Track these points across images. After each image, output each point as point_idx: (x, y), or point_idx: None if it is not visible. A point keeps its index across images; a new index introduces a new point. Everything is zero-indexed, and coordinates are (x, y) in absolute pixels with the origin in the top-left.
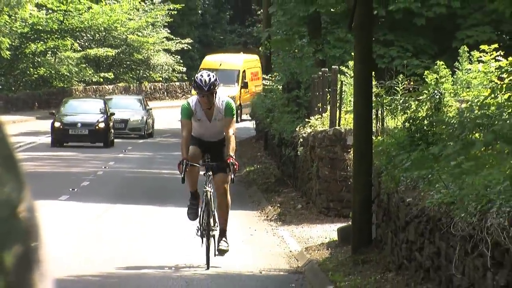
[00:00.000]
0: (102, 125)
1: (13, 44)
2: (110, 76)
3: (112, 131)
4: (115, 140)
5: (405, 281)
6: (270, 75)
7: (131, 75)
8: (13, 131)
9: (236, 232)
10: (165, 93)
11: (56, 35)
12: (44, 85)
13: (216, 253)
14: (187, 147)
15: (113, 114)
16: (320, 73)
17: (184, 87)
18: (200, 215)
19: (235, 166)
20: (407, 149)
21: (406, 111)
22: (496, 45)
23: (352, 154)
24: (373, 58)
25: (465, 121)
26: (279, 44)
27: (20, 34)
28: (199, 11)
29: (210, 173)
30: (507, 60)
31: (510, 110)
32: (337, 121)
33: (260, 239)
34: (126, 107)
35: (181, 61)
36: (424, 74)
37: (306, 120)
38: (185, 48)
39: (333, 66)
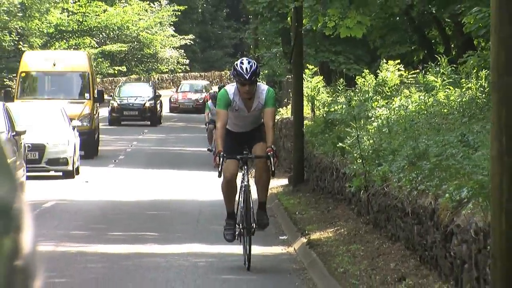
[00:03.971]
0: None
1: (41, 43)
2: (123, 69)
3: (24, 165)
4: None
5: (314, 197)
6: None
7: (141, 68)
8: None
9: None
10: (171, 82)
11: (76, 34)
12: None
13: (256, 227)
14: (223, 138)
15: (23, 132)
16: (287, 77)
17: (187, 77)
18: (239, 213)
19: (275, 158)
20: (322, 129)
21: (324, 107)
22: (398, 60)
23: (294, 132)
24: (303, 77)
25: (346, 114)
26: (262, 49)
27: (47, 34)
28: (199, 10)
29: (246, 166)
30: (406, 71)
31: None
32: None
33: None
34: (39, 124)
35: (184, 54)
36: (355, 78)
37: (278, 110)
38: (188, 43)
39: None
